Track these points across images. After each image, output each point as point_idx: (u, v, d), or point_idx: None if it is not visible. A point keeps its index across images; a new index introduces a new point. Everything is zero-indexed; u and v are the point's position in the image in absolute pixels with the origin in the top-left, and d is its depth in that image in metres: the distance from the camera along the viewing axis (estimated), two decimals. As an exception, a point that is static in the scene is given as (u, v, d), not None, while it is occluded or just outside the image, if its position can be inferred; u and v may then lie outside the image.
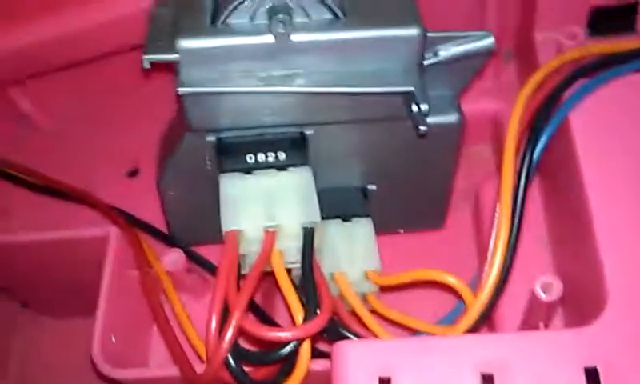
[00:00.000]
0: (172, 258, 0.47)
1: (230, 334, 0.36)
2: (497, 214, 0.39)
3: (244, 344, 0.39)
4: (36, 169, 0.54)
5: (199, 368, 0.40)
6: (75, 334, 0.62)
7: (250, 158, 0.43)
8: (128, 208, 0.51)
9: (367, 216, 0.46)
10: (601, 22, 0.46)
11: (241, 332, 0.37)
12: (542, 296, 0.37)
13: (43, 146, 0.60)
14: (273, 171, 0.43)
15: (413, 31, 0.38)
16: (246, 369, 0.38)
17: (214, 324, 0.36)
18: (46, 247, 0.52)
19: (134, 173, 0.58)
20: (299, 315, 0.37)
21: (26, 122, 0.61)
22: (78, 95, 0.61)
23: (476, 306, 0.38)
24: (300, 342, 0.36)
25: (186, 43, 0.38)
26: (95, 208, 0.51)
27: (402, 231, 0.51)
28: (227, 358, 0.36)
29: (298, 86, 0.39)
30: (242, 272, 0.40)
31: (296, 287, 0.39)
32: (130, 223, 0.49)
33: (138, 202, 0.52)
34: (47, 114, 0.61)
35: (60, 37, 0.51)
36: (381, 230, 0.46)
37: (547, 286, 0.37)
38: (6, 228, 0.56)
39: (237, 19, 0.39)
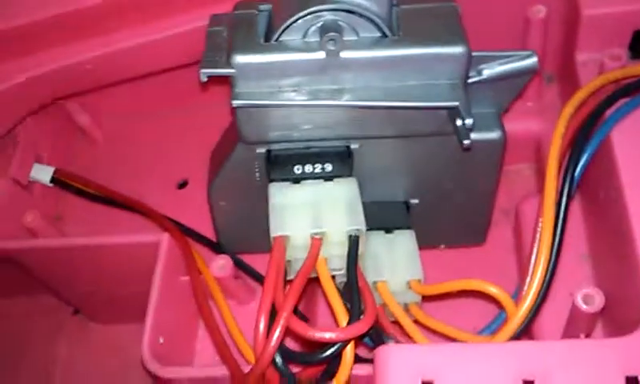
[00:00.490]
0: (220, 264, 0.48)
1: (277, 332, 0.37)
2: (539, 228, 0.40)
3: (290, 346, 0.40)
4: (91, 179, 0.57)
5: (246, 369, 0.41)
6: (123, 340, 0.64)
7: (297, 169, 0.44)
8: (177, 218, 0.53)
9: (408, 228, 0.47)
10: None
11: (288, 332, 0.38)
12: (584, 307, 0.37)
13: (98, 157, 0.63)
14: (320, 181, 0.44)
15: (458, 49, 0.40)
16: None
17: (262, 323, 0.38)
18: (100, 252, 0.55)
19: (183, 184, 0.61)
20: (343, 320, 0.39)
21: (83, 135, 0.64)
22: (133, 110, 0.64)
23: (517, 316, 0.39)
24: (344, 344, 0.38)
25: (241, 58, 0.41)
26: (147, 216, 0.54)
27: (443, 246, 0.52)
28: (274, 356, 0.38)
29: (346, 101, 0.41)
30: (288, 278, 0.42)
31: (340, 293, 0.41)
32: (181, 231, 0.51)
33: (187, 213, 0.54)
34: (103, 128, 0.64)
35: (119, 53, 0.54)
36: (422, 244, 0.47)
37: (589, 297, 0.37)
38: (62, 234, 0.59)
39: (289, 37, 0.41)
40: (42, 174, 0.59)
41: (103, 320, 0.67)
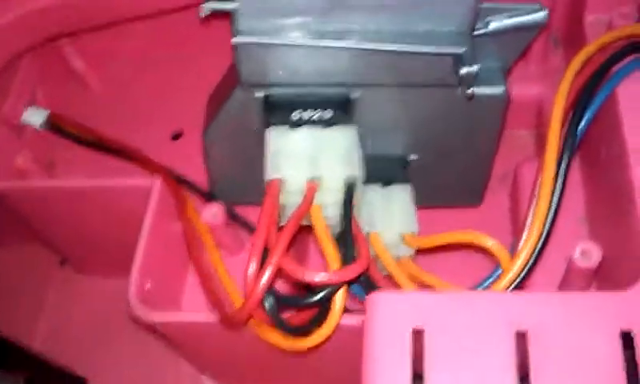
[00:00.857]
0: (212, 212, 0.48)
1: (268, 272, 0.36)
2: (538, 184, 0.39)
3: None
4: (85, 124, 0.56)
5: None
6: (110, 293, 0.63)
7: (296, 114, 0.43)
8: (171, 167, 0.52)
9: (405, 182, 0.46)
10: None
11: (279, 273, 0.37)
12: (581, 261, 0.37)
13: (93, 103, 0.62)
14: (318, 127, 0.43)
15: (467, -1, 0.39)
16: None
17: (254, 263, 0.37)
18: (90, 195, 0.54)
19: (178, 135, 0.60)
20: (335, 264, 0.38)
21: (78, 81, 0.63)
22: (129, 58, 0.62)
23: (512, 269, 0.38)
24: (336, 288, 0.37)
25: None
26: (141, 163, 0.53)
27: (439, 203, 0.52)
28: (264, 300, 0.37)
29: (350, 43, 0.40)
30: (281, 224, 0.41)
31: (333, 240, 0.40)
32: (174, 177, 0.51)
33: (182, 163, 0.53)
34: (98, 74, 0.63)
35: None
36: (419, 202, 0.47)
37: (587, 252, 0.37)
38: (52, 176, 0.58)
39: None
40: (36, 117, 0.58)
41: (90, 271, 0.66)
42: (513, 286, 0.38)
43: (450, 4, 0.39)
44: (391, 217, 0.44)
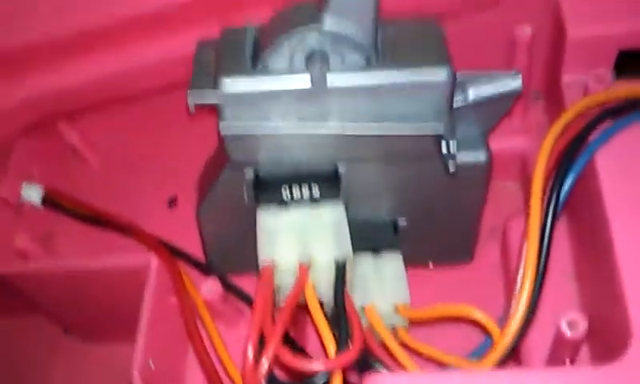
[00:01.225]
0: (208, 287, 0.49)
1: (265, 363, 0.37)
2: (524, 251, 0.40)
3: (278, 374, 0.40)
4: (81, 199, 0.58)
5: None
6: (115, 359, 0.64)
7: (285, 192, 0.45)
8: (167, 237, 0.53)
9: (397, 249, 0.47)
10: (627, 65, 0.48)
11: (276, 362, 0.38)
12: (568, 333, 0.38)
13: (89, 176, 0.63)
14: (307, 205, 0.44)
15: (442, 76, 0.40)
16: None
17: (250, 353, 0.38)
18: (89, 274, 0.55)
19: (173, 202, 0.61)
20: (332, 347, 0.39)
21: (73, 155, 0.64)
22: (123, 130, 0.64)
23: (503, 341, 0.39)
24: (332, 373, 0.38)
25: (228, 87, 0.41)
26: (136, 237, 0.54)
27: (430, 265, 0.53)
28: (262, 385, 0.38)
29: (333, 127, 0.41)
30: (277, 306, 0.42)
31: (328, 320, 0.41)
32: (170, 252, 0.52)
33: (178, 231, 0.54)
34: (93, 148, 0.64)
35: (109, 75, 0.54)
36: (410, 263, 0.48)
37: (572, 323, 0.38)
38: (50, 255, 0.59)
39: (275, 63, 0.42)
40: (32, 193, 0.59)
41: (95, 339, 0.67)
42: (504, 356, 0.39)
43: (426, 86, 0.40)
44: (384, 287, 0.45)
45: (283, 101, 0.41)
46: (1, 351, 0.70)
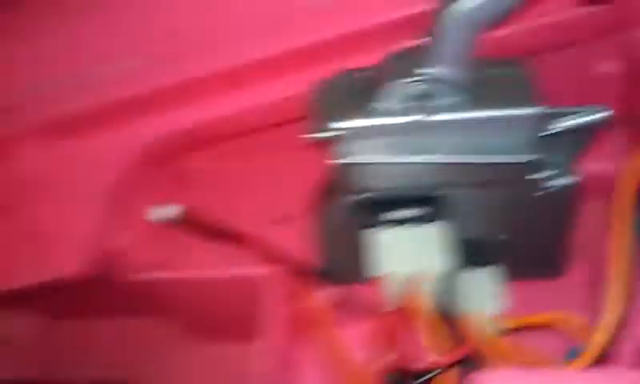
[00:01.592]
0: (323, 295, 0.55)
1: (382, 363, 0.44)
2: (612, 267, 0.45)
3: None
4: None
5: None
6: (230, 359, 0.71)
7: (392, 214, 0.51)
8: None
9: (494, 264, 0.53)
10: None
11: (392, 361, 0.45)
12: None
13: (194, 200, 0.68)
14: (413, 225, 0.51)
15: (532, 110, 0.46)
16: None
17: (368, 354, 0.45)
18: (207, 284, 0.63)
19: (284, 220, 0.68)
20: (438, 348, 0.45)
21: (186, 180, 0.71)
22: (232, 158, 0.70)
23: (594, 346, 0.43)
24: (442, 369, 0.44)
25: (344, 124, 0.48)
26: (252, 249, 0.60)
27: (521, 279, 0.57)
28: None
29: (436, 157, 0.48)
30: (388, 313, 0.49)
31: (435, 326, 0.47)
32: (283, 262, 0.59)
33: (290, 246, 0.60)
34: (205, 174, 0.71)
35: (237, 111, 0.60)
36: (506, 276, 0.53)
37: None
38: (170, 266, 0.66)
39: (385, 103, 0.48)
40: (167, 212, 0.66)
41: (209, 340, 0.73)
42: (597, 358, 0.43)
43: (517, 120, 0.46)
44: (482, 298, 0.51)
45: (392, 136, 0.48)
46: (121, 349, 0.77)
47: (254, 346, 0.55)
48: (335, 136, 0.48)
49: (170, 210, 0.66)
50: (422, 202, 0.50)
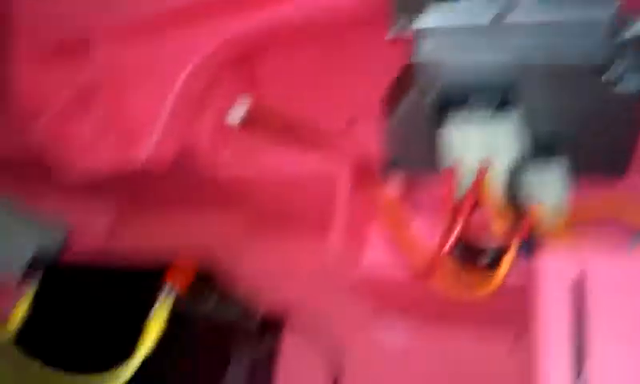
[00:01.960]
0: (393, 183, 0.59)
1: (452, 237, 0.49)
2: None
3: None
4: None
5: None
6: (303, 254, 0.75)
7: (467, 106, 0.53)
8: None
9: (561, 157, 0.55)
10: None
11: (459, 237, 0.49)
12: None
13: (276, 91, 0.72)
14: (486, 119, 0.53)
15: (609, 15, 0.47)
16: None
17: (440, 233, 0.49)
18: (283, 181, 0.67)
19: (352, 121, 0.70)
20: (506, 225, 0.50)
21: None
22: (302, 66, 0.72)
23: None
24: (505, 247, 0.48)
25: (421, 22, 0.50)
26: (328, 146, 0.65)
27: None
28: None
29: (511, 56, 0.50)
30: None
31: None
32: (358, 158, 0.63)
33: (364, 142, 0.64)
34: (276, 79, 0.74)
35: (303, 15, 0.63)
36: (572, 170, 0.55)
37: None
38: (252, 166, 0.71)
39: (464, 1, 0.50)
40: (239, 112, 0.70)
41: (282, 232, 0.79)
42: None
43: (591, 23, 0.48)
44: (548, 189, 0.54)
45: (470, 35, 0.50)
46: (195, 239, 0.81)
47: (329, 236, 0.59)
48: (414, 33, 0.51)
49: (246, 109, 0.70)
50: (494, 98, 0.53)
